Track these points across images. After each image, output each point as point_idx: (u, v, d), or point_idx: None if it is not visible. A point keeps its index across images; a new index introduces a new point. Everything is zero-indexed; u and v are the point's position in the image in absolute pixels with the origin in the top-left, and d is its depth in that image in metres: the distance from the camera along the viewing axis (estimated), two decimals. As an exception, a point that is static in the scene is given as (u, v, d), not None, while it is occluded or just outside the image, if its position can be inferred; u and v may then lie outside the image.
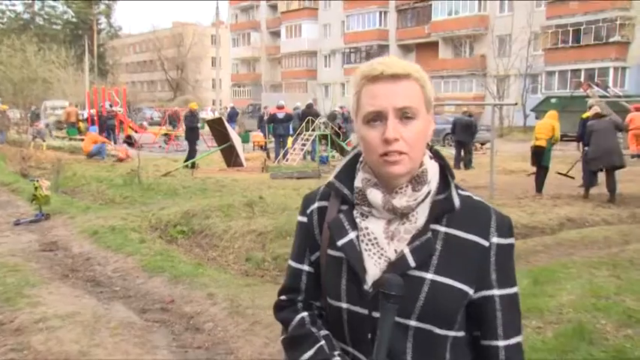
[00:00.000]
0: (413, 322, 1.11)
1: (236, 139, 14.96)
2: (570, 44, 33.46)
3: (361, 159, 1.21)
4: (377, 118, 1.10)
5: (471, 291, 1.14)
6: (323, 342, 1.17)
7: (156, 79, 69.06)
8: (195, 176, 12.77)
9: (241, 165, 14.59)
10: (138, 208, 9.00)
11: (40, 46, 30.29)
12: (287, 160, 16.63)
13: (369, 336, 1.13)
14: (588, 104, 11.28)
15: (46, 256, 6.64)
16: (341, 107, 24.11)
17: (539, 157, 10.27)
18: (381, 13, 45.35)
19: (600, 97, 21.18)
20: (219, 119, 15.98)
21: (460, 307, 1.14)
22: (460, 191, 1.18)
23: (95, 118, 22.90)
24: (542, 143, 10.19)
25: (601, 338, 3.64)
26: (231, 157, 14.65)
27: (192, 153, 15.05)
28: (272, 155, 17.61)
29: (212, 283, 5.28)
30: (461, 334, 1.17)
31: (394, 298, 1.06)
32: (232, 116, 26.22)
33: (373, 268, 1.12)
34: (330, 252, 1.19)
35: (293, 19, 52.53)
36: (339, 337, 1.19)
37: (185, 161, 14.69)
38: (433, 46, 41.91)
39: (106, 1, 67.51)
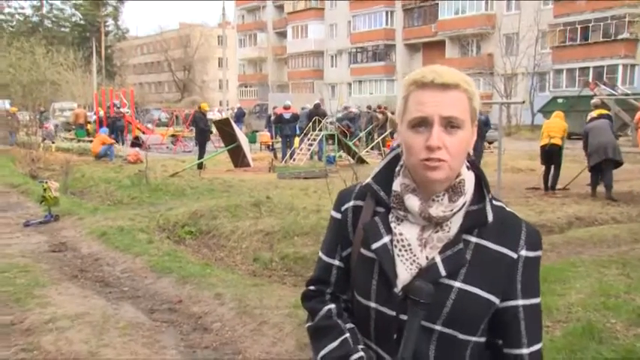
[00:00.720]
0: (438, 327, 1.14)
1: (243, 140, 14.99)
2: (578, 42, 33.29)
3: (401, 162, 1.22)
4: (422, 124, 1.12)
5: (497, 300, 1.17)
6: (348, 335, 1.21)
7: (163, 80, 69.35)
8: (202, 177, 12.80)
9: (248, 165, 14.61)
10: (146, 208, 9.04)
11: (48, 49, 30.50)
12: (294, 160, 16.64)
13: (395, 336, 1.16)
14: (592, 102, 11.26)
15: (56, 256, 6.69)
16: (345, 107, 24.10)
17: (554, 155, 10.30)
18: (387, 12, 45.30)
19: (608, 95, 21.06)
20: (227, 119, 16.01)
21: (486, 315, 1.17)
22: (494, 202, 1.20)
23: (104, 119, 22.97)
24: (558, 142, 10.29)
25: (610, 337, 3.62)
26: (238, 158, 14.67)
27: (203, 153, 15.12)
28: (279, 155, 17.63)
29: (220, 284, 5.29)
30: (482, 339, 1.20)
31: (422, 304, 1.10)
32: (239, 116, 26.28)
33: (404, 273, 1.15)
34: (363, 251, 1.21)
35: (299, 20, 52.58)
36: (364, 333, 1.22)
37: (197, 161, 14.76)
38: (440, 45, 41.81)
39: (114, 4, 68.00)
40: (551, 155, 10.37)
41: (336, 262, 1.29)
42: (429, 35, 42.59)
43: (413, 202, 1.16)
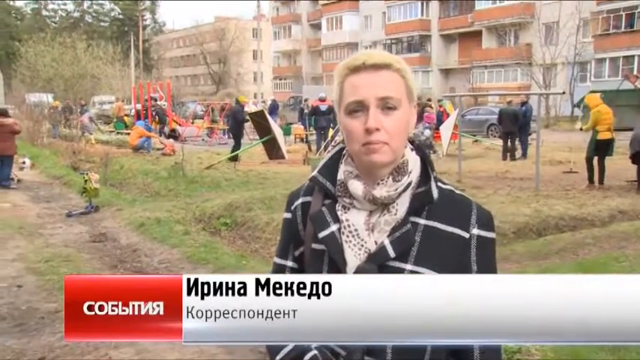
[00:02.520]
0: None
1: (277, 132, 15.04)
2: (623, 29, 32.10)
3: (344, 152, 1.22)
4: (359, 108, 1.11)
5: None
6: None
7: (199, 73, 70.17)
8: (237, 169, 12.93)
9: (283, 157, 14.66)
10: (182, 200, 9.19)
11: (89, 43, 31.19)
12: (328, 152, 16.61)
13: None
14: None
15: (96, 247, 6.87)
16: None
17: (606, 149, 9.98)
18: (422, 3, 44.67)
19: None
20: (261, 112, 16.08)
21: None
22: (441, 184, 1.18)
23: (144, 112, 23.29)
24: (609, 135, 9.94)
25: (655, 336, 3.49)
26: (272, 150, 14.74)
27: (238, 146, 15.28)
28: (313, 147, 17.65)
29: (255, 275, 5.34)
30: None
31: None
32: (273, 109, 26.33)
33: (353, 260, 1.12)
34: (314, 246, 1.19)
35: (334, 11, 52.37)
36: None
37: (232, 153, 14.90)
38: (476, 35, 41.05)
39: (151, -2, 69.13)
40: (605, 148, 10.02)
41: (289, 264, 1.26)
42: (465, 25, 41.84)
43: (356, 186, 1.14)
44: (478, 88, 35.99)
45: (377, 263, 1.10)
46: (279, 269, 1.27)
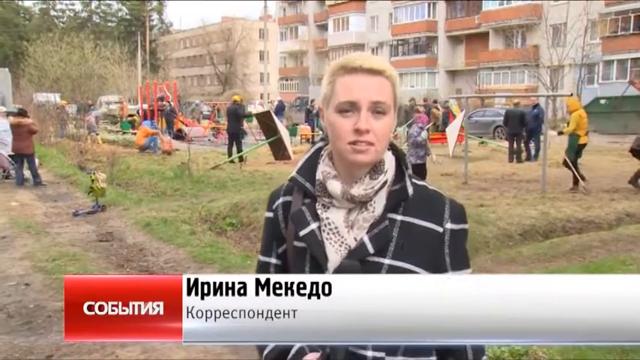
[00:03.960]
0: None
1: (284, 133, 15.06)
2: (631, 31, 31.90)
3: (322, 153, 1.27)
4: (350, 108, 1.15)
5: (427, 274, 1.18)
6: None
7: (205, 73, 70.32)
8: (243, 169, 12.95)
9: (289, 158, 14.67)
10: (188, 200, 9.22)
11: (96, 43, 31.33)
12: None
13: None
14: None
15: (103, 246, 6.90)
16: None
17: (581, 152, 10.46)
18: (429, 4, 44.58)
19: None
20: (268, 112, 16.12)
21: None
22: (415, 181, 1.24)
23: (150, 111, 23.34)
24: (586, 139, 10.46)
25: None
26: (279, 151, 14.76)
27: (240, 145, 15.31)
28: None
29: (260, 275, 5.34)
30: None
31: None
32: (279, 110, 26.36)
33: (334, 256, 1.16)
34: (296, 243, 1.23)
35: (340, 12, 52.36)
36: None
37: (238, 153, 14.92)
38: (483, 36, 40.92)
39: (159, -2, 69.36)
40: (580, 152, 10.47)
41: (273, 260, 1.30)
42: (472, 27, 41.72)
43: (335, 186, 1.19)
44: (485, 89, 35.84)
45: (357, 259, 1.14)
46: (264, 266, 1.31)
